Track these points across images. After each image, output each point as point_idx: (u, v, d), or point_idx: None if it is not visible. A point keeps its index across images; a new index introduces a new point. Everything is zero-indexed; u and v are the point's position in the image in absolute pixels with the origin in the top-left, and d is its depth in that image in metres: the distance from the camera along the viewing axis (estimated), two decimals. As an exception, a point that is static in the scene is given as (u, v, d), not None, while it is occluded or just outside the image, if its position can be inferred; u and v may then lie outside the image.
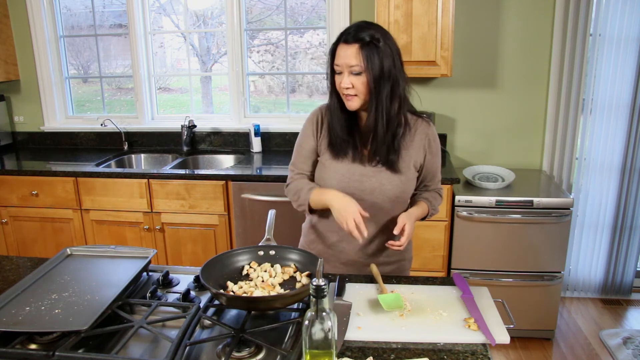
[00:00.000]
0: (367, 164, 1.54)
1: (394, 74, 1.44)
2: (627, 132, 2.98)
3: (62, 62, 3.52)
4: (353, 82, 1.43)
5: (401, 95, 1.49)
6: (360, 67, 1.41)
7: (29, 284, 1.36)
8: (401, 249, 1.49)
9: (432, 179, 1.67)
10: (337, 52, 1.44)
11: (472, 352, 1.15)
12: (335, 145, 1.54)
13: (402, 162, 1.53)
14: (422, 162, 1.60)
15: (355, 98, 1.46)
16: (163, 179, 2.81)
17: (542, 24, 2.95)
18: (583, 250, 3.19)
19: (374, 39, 1.41)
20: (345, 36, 1.43)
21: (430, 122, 1.61)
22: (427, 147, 1.59)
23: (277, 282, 1.35)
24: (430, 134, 1.59)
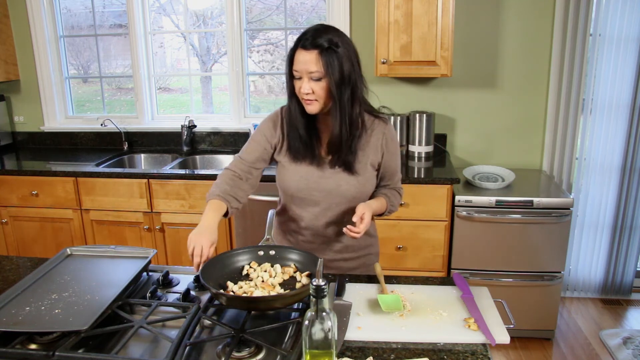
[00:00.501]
0: (324, 166, 1.56)
1: (353, 78, 1.46)
2: (627, 132, 2.98)
3: (62, 62, 3.52)
4: (313, 88, 1.44)
5: (360, 97, 1.51)
6: (320, 73, 1.41)
7: (29, 284, 1.36)
8: (358, 236, 1.47)
9: (391, 177, 1.67)
10: (296, 57, 1.44)
11: (472, 352, 1.15)
12: (294, 149, 1.56)
13: (358, 163, 1.55)
14: (379, 161, 1.60)
15: (315, 103, 1.46)
16: (163, 179, 2.81)
17: (542, 24, 2.95)
18: (583, 250, 3.19)
19: (332, 44, 1.41)
20: (303, 42, 1.42)
21: (387, 121, 1.61)
22: (384, 146, 1.59)
23: (277, 282, 1.35)
24: (387, 133, 1.59)
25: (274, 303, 1.23)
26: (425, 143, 3.01)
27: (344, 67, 1.43)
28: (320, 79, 1.43)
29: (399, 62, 2.75)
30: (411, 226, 2.67)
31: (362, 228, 1.46)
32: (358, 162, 1.55)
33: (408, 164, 2.93)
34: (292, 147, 1.56)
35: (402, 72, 2.78)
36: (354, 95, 1.48)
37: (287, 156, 1.59)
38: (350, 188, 1.55)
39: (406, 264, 2.73)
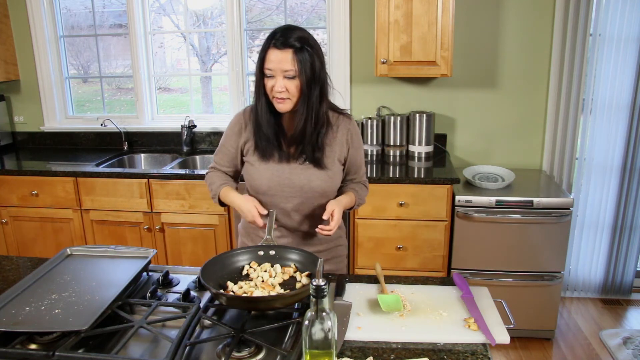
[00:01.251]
0: (293, 162, 1.59)
1: (322, 76, 1.51)
2: (627, 132, 2.98)
3: (62, 62, 3.52)
4: (287, 86, 1.46)
5: (327, 95, 1.56)
6: (294, 71, 1.45)
7: (29, 284, 1.36)
8: (330, 234, 1.52)
9: (356, 171, 1.71)
10: (268, 56, 1.46)
11: (472, 352, 1.15)
12: (262, 148, 1.58)
13: (326, 158, 1.59)
14: (346, 156, 1.65)
15: (288, 101, 1.50)
16: (163, 179, 2.81)
17: (542, 24, 2.95)
18: (583, 250, 3.19)
19: (304, 43, 1.45)
20: (275, 41, 1.45)
21: (351, 117, 1.67)
22: (349, 141, 1.64)
23: (277, 282, 1.35)
24: (352, 129, 1.64)
25: (274, 303, 1.23)
26: (425, 143, 3.01)
27: (315, 65, 1.48)
28: (294, 77, 1.46)
29: (399, 62, 2.75)
30: (411, 226, 2.67)
31: (333, 225, 1.51)
32: (326, 157, 1.59)
33: (408, 164, 2.93)
34: (260, 146, 1.59)
35: (402, 72, 2.78)
36: (322, 93, 1.53)
37: (255, 156, 1.61)
38: (321, 183, 1.58)
39: (406, 264, 2.73)
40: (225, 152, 1.68)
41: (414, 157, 3.02)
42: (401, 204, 2.64)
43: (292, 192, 1.59)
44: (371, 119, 3.05)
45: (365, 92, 3.18)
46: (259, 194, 1.62)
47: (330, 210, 1.52)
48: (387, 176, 2.65)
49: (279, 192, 1.60)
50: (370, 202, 2.65)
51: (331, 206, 1.53)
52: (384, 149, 3.10)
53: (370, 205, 2.66)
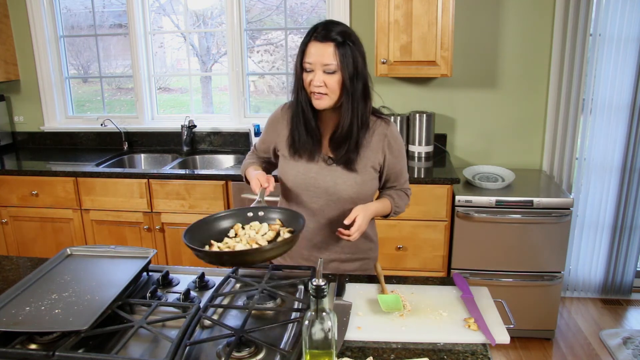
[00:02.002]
0: (322, 163, 1.55)
1: (365, 73, 1.47)
2: (627, 132, 2.98)
3: (62, 62, 3.52)
4: (325, 81, 1.43)
5: (370, 93, 1.51)
6: (334, 65, 1.41)
7: (29, 284, 1.36)
8: (350, 239, 1.46)
9: (396, 179, 1.65)
10: (309, 49, 1.43)
11: (472, 352, 1.15)
12: (296, 145, 1.55)
13: (359, 161, 1.53)
14: (381, 164, 1.58)
15: (326, 97, 1.45)
16: (163, 179, 2.81)
17: (542, 24, 2.95)
18: (583, 250, 3.19)
19: (346, 37, 1.42)
20: (316, 34, 1.42)
21: (389, 121, 1.59)
22: (386, 148, 1.57)
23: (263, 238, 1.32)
24: (389, 135, 1.57)
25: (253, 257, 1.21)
26: (425, 143, 3.01)
27: (357, 61, 1.43)
28: (334, 72, 1.42)
29: (399, 62, 2.75)
30: (411, 226, 2.67)
31: (354, 231, 1.45)
32: (360, 160, 1.53)
33: (408, 164, 2.93)
34: (294, 143, 1.55)
35: (402, 72, 2.78)
36: (365, 91, 1.48)
37: (287, 151, 1.59)
38: (347, 188, 1.53)
39: (406, 264, 2.73)
40: (262, 142, 1.71)
41: (414, 157, 3.02)
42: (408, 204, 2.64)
43: (317, 192, 1.55)
44: (371, 119, 3.05)
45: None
46: (286, 188, 1.61)
47: (353, 215, 1.46)
48: (387, 176, 2.65)
49: (304, 191, 1.56)
50: (370, 202, 2.65)
51: (356, 211, 1.47)
52: (384, 149, 3.09)
53: (370, 205, 2.66)
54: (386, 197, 1.62)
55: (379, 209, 1.58)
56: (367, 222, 1.50)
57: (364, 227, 1.48)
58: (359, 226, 1.45)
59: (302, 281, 1.46)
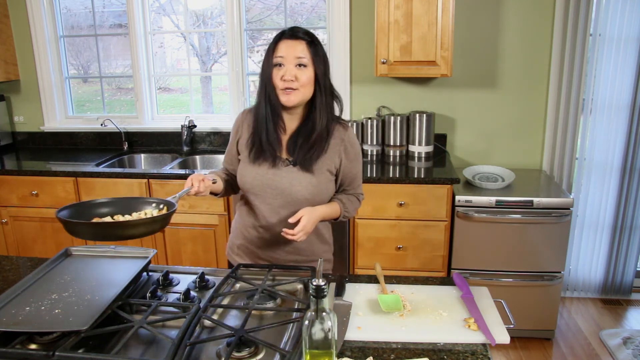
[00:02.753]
0: (280, 165, 1.57)
1: (330, 77, 1.52)
2: (627, 132, 2.98)
3: (62, 62, 3.52)
4: (297, 75, 1.45)
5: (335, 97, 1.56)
6: (307, 59, 1.45)
7: (29, 284, 1.36)
8: (295, 238, 1.47)
9: (350, 183, 1.66)
10: (279, 46, 1.46)
11: (472, 352, 1.15)
12: (255, 147, 1.57)
13: (316, 163, 1.55)
14: (337, 167, 1.60)
15: (296, 92, 1.47)
16: (163, 179, 2.81)
17: (542, 24, 2.95)
18: (583, 250, 3.19)
19: (315, 39, 1.48)
20: (287, 34, 1.47)
21: (347, 126, 1.61)
22: (342, 152, 1.58)
23: None
24: (346, 139, 1.59)
25: (119, 230, 1.28)
26: (425, 143, 3.01)
27: (326, 62, 1.50)
28: (307, 66, 1.45)
29: (399, 62, 2.75)
30: (411, 226, 2.67)
31: (298, 230, 1.46)
32: (316, 161, 1.55)
33: (408, 164, 2.93)
34: (254, 145, 1.58)
35: (402, 72, 2.78)
36: (332, 92, 1.53)
37: (246, 153, 1.61)
38: (302, 189, 1.54)
39: (406, 264, 2.73)
40: (227, 152, 1.72)
41: (414, 157, 3.02)
42: (401, 203, 2.64)
43: (273, 193, 1.57)
44: (371, 119, 3.05)
45: (365, 92, 3.18)
46: (245, 191, 1.63)
47: (298, 215, 1.48)
48: (387, 176, 2.65)
49: (262, 192, 1.58)
50: (370, 202, 2.65)
51: (302, 212, 1.49)
52: (384, 149, 3.10)
53: (370, 205, 2.66)
54: (336, 201, 1.63)
55: (327, 213, 1.58)
56: (312, 223, 1.51)
57: (309, 228, 1.49)
58: (303, 226, 1.47)
59: (302, 281, 1.46)
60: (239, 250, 1.71)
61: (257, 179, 1.57)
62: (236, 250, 1.73)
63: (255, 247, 1.67)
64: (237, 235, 1.73)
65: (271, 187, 1.57)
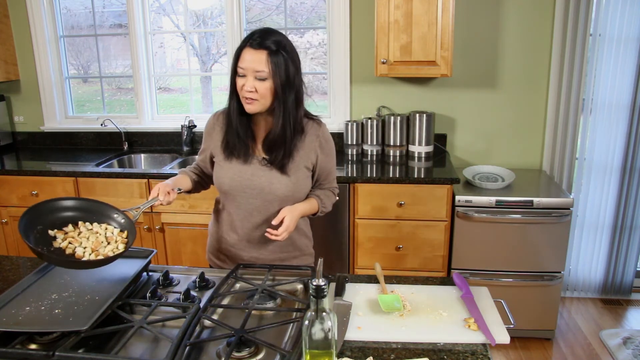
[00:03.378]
0: (257, 164, 1.59)
1: (297, 82, 1.51)
2: (627, 132, 2.98)
3: (62, 62, 3.51)
4: (256, 87, 1.47)
5: (303, 101, 1.56)
6: (266, 73, 1.45)
7: (29, 284, 1.36)
8: (279, 238, 1.52)
9: (326, 177, 1.70)
10: (243, 55, 1.47)
11: (472, 352, 1.15)
12: (230, 147, 1.59)
13: (291, 163, 1.57)
14: (314, 163, 1.63)
15: (256, 102, 1.49)
16: (163, 179, 2.80)
17: (542, 24, 2.95)
18: (583, 250, 3.19)
19: (280, 47, 1.46)
20: (251, 41, 1.46)
21: (321, 122, 1.65)
22: (318, 148, 1.62)
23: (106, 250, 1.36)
24: (321, 135, 1.62)
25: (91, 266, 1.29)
26: (425, 143, 3.01)
27: (290, 70, 1.48)
28: (265, 79, 1.46)
29: (399, 62, 2.75)
30: (411, 226, 2.67)
31: (282, 231, 1.51)
32: (291, 162, 1.58)
33: (408, 164, 2.93)
34: (228, 145, 1.59)
35: (402, 72, 2.78)
36: (297, 99, 1.53)
37: (221, 155, 1.62)
38: (281, 187, 1.57)
39: (406, 264, 2.73)
40: (200, 152, 1.74)
41: (414, 157, 3.02)
42: (401, 204, 2.64)
43: (252, 193, 1.59)
44: (371, 119, 3.05)
45: (365, 92, 3.18)
46: (222, 193, 1.64)
47: (281, 216, 1.53)
48: (387, 176, 2.65)
49: (240, 193, 1.60)
50: (370, 202, 2.65)
51: (283, 212, 1.54)
52: (384, 149, 3.10)
53: (370, 205, 2.66)
54: (313, 197, 1.66)
55: (307, 209, 1.63)
56: (295, 222, 1.56)
57: (292, 227, 1.54)
58: (287, 226, 1.52)
59: (302, 281, 1.46)
60: (221, 254, 1.73)
61: (235, 180, 1.59)
62: (216, 253, 1.74)
63: (238, 249, 1.68)
64: (217, 240, 1.73)
65: (250, 186, 1.58)
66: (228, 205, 1.65)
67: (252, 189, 1.58)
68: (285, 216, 1.53)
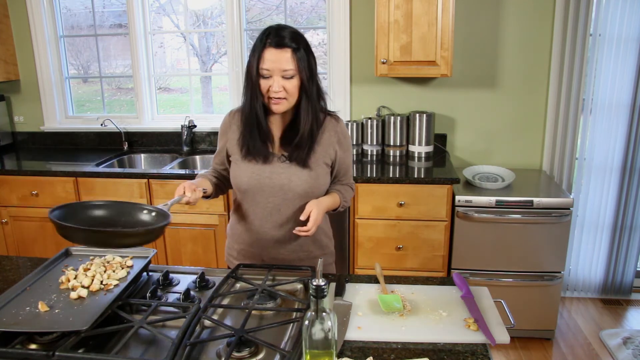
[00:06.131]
0: (275, 161, 1.57)
1: (317, 74, 1.52)
2: (627, 132, 2.98)
3: (62, 62, 3.51)
4: (284, 86, 1.45)
5: (323, 93, 1.55)
6: (293, 70, 1.44)
7: (29, 284, 1.36)
8: (309, 234, 1.49)
9: (345, 173, 1.70)
10: (265, 56, 1.44)
11: (472, 352, 1.15)
12: (249, 147, 1.56)
13: (312, 157, 1.56)
14: (333, 159, 1.62)
15: (284, 101, 1.48)
16: (163, 179, 2.81)
17: (542, 24, 2.95)
18: (583, 250, 3.19)
19: (300, 42, 1.45)
20: (270, 41, 1.44)
21: (338, 118, 1.64)
22: (336, 144, 1.61)
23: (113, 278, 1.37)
24: (339, 131, 1.62)
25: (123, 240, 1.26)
26: (425, 143, 3.01)
27: (312, 63, 1.48)
28: (292, 77, 1.45)
29: (399, 62, 2.75)
30: (411, 226, 2.67)
31: (311, 225, 1.48)
32: (312, 156, 1.57)
33: (408, 164, 2.93)
34: (247, 146, 1.56)
35: (402, 72, 2.78)
36: (319, 92, 1.53)
37: (239, 153, 1.59)
38: (301, 183, 1.56)
39: (406, 264, 2.73)
40: (217, 154, 1.71)
41: (414, 157, 3.02)
42: (401, 204, 2.64)
43: (272, 191, 1.57)
44: (371, 119, 3.05)
45: (365, 92, 3.18)
46: (241, 192, 1.61)
47: (308, 210, 1.50)
48: (387, 176, 2.65)
49: (259, 192, 1.57)
50: (370, 202, 2.65)
51: (310, 206, 1.51)
52: (384, 149, 3.10)
53: (370, 205, 2.66)
54: (335, 192, 1.66)
55: (330, 204, 1.61)
56: (322, 215, 1.54)
57: (320, 220, 1.52)
58: (315, 220, 1.49)
59: (302, 281, 1.46)
60: (240, 255, 1.70)
61: (253, 178, 1.57)
62: (235, 254, 1.72)
63: (257, 249, 1.66)
64: (235, 240, 1.72)
65: (269, 184, 1.56)
66: (246, 205, 1.63)
67: (271, 187, 1.56)
68: (312, 210, 1.50)
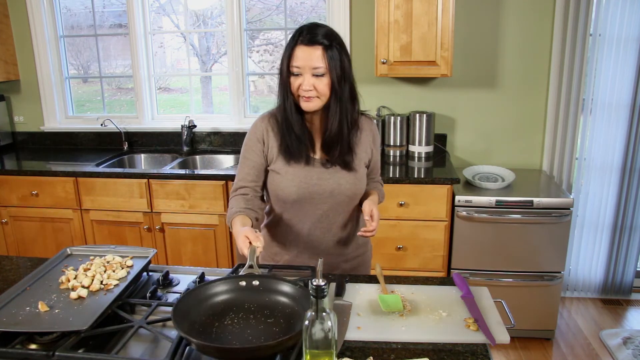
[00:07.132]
0: (320, 167, 1.54)
1: (351, 74, 1.49)
2: (627, 132, 2.98)
3: (62, 62, 3.51)
4: (315, 84, 1.43)
5: (357, 94, 1.53)
6: (323, 68, 1.41)
7: (29, 284, 1.36)
8: (374, 234, 1.52)
9: (377, 171, 1.74)
10: (296, 53, 1.42)
11: (472, 352, 1.15)
12: (290, 150, 1.51)
13: (356, 159, 1.57)
14: (370, 158, 1.64)
15: (316, 100, 1.45)
16: (163, 179, 2.81)
17: (542, 24, 2.95)
18: (583, 250, 3.19)
19: (333, 40, 1.43)
20: (302, 38, 1.42)
21: (372, 118, 1.66)
22: (372, 143, 1.64)
23: None
24: (373, 130, 1.64)
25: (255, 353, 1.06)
26: (425, 143, 3.01)
27: (345, 62, 1.45)
28: (323, 75, 1.42)
29: (399, 62, 2.75)
30: (411, 226, 2.67)
31: (375, 225, 1.50)
32: (355, 158, 1.57)
33: (408, 164, 2.93)
34: (289, 149, 1.51)
35: (402, 72, 2.78)
36: (352, 93, 1.50)
37: (281, 161, 1.53)
38: (350, 187, 1.55)
39: (406, 264, 2.73)
40: (250, 165, 1.55)
41: (414, 157, 3.02)
42: (401, 204, 2.64)
43: (321, 198, 1.53)
44: (371, 119, 3.05)
45: (365, 92, 3.14)
46: (287, 203, 1.55)
47: (369, 210, 1.50)
48: (387, 176, 2.65)
49: (309, 200, 1.53)
50: (370, 202, 2.65)
51: (369, 206, 1.52)
52: (384, 149, 3.10)
53: (370, 205, 2.66)
54: (375, 190, 1.69)
55: (377, 201, 1.64)
56: None
57: (379, 217, 1.54)
58: (376, 219, 1.51)
59: (302, 281, 1.46)
60: None
61: (302, 187, 1.51)
62: None
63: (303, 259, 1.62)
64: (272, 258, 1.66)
65: (318, 192, 1.53)
66: (290, 216, 1.57)
67: (320, 193, 1.53)
68: (372, 208, 1.51)
